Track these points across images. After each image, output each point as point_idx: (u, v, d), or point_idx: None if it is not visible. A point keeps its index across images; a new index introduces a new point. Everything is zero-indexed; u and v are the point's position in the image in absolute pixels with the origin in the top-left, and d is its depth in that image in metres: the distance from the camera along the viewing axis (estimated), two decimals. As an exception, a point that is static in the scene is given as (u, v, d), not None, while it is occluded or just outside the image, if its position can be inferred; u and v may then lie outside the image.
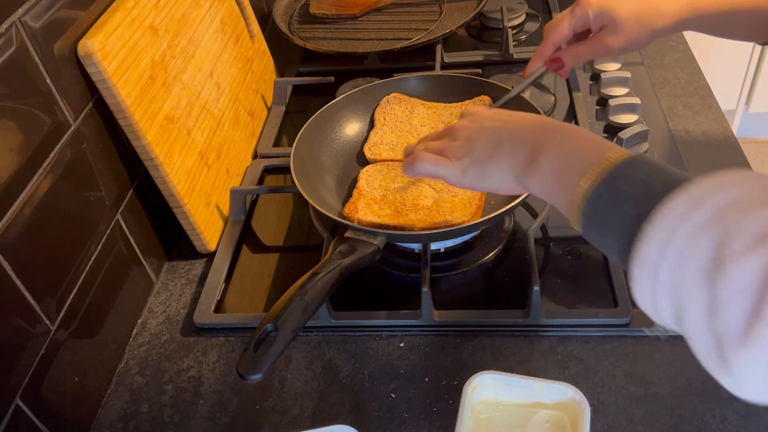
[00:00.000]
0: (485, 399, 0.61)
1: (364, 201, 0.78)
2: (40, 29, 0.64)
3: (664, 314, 0.41)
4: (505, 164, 0.54)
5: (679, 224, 0.39)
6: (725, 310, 0.36)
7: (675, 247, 0.39)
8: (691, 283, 0.38)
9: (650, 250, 0.40)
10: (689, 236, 0.38)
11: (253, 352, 0.57)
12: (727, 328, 0.36)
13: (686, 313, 0.39)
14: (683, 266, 0.38)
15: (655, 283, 0.40)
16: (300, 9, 1.24)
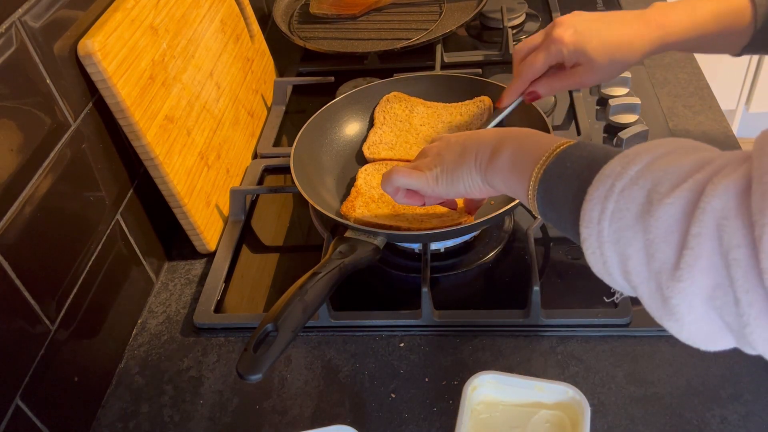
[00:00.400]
0: (485, 399, 0.61)
1: (361, 199, 0.78)
2: (40, 29, 0.64)
3: (614, 272, 0.44)
4: (472, 167, 0.59)
5: (615, 181, 0.43)
6: (658, 249, 0.39)
7: (612, 201, 0.43)
8: (628, 231, 0.41)
9: (592, 209, 0.44)
10: (623, 189, 0.42)
11: (253, 352, 0.57)
12: (661, 266, 0.40)
13: (629, 263, 0.42)
14: (620, 217, 0.42)
15: (600, 239, 0.43)
16: (300, 9, 1.24)
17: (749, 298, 0.36)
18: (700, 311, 0.39)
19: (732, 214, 0.36)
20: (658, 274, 0.40)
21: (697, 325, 0.40)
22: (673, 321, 0.41)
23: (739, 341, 0.40)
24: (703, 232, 0.37)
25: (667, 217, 0.39)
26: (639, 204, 0.41)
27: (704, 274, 0.38)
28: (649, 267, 0.41)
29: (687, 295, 0.39)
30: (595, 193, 0.44)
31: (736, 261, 0.36)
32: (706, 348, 0.42)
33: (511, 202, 0.72)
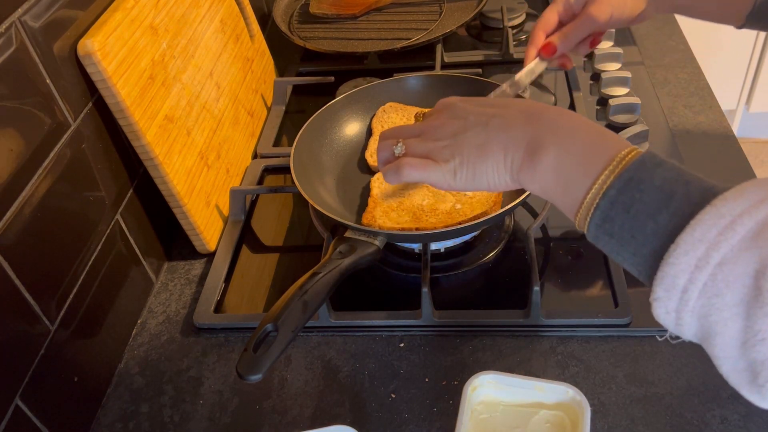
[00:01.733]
0: (485, 399, 0.61)
1: (380, 209, 0.77)
2: (39, 29, 0.64)
3: (685, 332, 0.40)
4: (500, 163, 0.50)
5: (711, 251, 0.37)
6: (763, 342, 0.35)
7: (707, 274, 0.37)
8: (726, 313, 0.36)
9: (679, 275, 0.38)
10: (722, 263, 0.36)
11: (253, 352, 0.57)
12: (764, 359, 0.35)
13: (717, 338, 0.38)
14: (717, 294, 0.37)
15: (682, 306, 0.38)
16: (300, 9, 1.24)
17: None
18: None
19: None
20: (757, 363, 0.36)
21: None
22: (758, 398, 0.38)
23: None
24: None
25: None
26: (745, 286, 0.36)
27: None
28: (744, 351, 0.36)
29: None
30: (682, 258, 0.38)
31: None
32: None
33: (512, 203, 0.72)
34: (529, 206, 0.85)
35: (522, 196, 0.71)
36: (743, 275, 0.36)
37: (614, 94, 0.98)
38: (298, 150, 0.82)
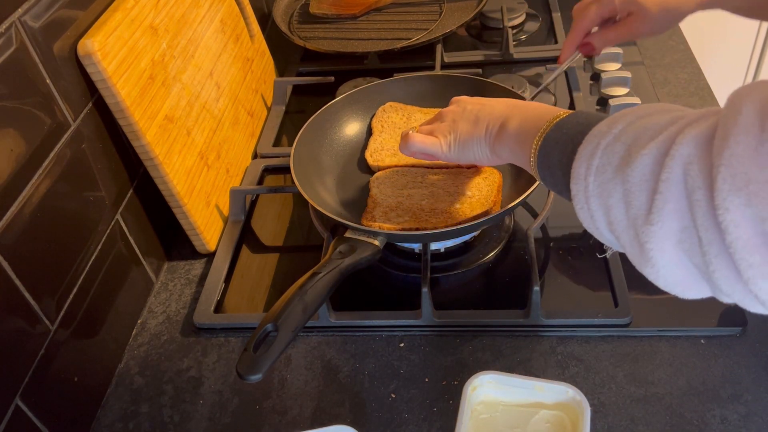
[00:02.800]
0: (485, 399, 0.61)
1: (380, 209, 0.77)
2: (39, 29, 0.64)
3: (600, 225, 0.47)
4: (482, 138, 0.63)
5: (601, 139, 0.46)
6: (634, 197, 0.42)
7: (597, 158, 0.46)
8: (610, 183, 0.44)
9: (580, 166, 0.47)
10: (607, 146, 0.46)
11: (253, 352, 0.57)
12: (637, 212, 0.42)
13: (611, 213, 0.45)
14: (603, 171, 0.45)
15: (586, 194, 0.47)
16: (300, 9, 1.24)
17: (709, 237, 0.38)
18: (671, 255, 0.41)
19: (696, 159, 0.39)
20: (634, 220, 0.43)
21: (671, 269, 0.42)
22: (649, 267, 0.43)
23: (710, 286, 0.41)
24: (671, 177, 0.40)
25: (642, 166, 0.42)
26: (619, 157, 0.44)
27: (672, 216, 0.40)
28: (627, 215, 0.43)
29: (659, 239, 0.41)
30: (583, 151, 0.47)
31: (698, 202, 0.38)
32: (684, 295, 0.44)
33: (512, 203, 0.72)
34: (529, 206, 0.85)
35: (522, 196, 0.71)
36: (620, 151, 0.44)
37: (614, 94, 0.98)
38: (298, 150, 0.82)
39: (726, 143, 0.37)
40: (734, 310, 0.70)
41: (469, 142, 0.64)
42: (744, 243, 0.37)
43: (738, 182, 0.36)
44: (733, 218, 0.36)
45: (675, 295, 0.45)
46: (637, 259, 0.45)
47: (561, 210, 0.83)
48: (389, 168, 0.85)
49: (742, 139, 0.36)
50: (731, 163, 0.36)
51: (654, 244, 0.42)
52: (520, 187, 0.79)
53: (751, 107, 0.37)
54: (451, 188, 0.79)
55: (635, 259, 0.45)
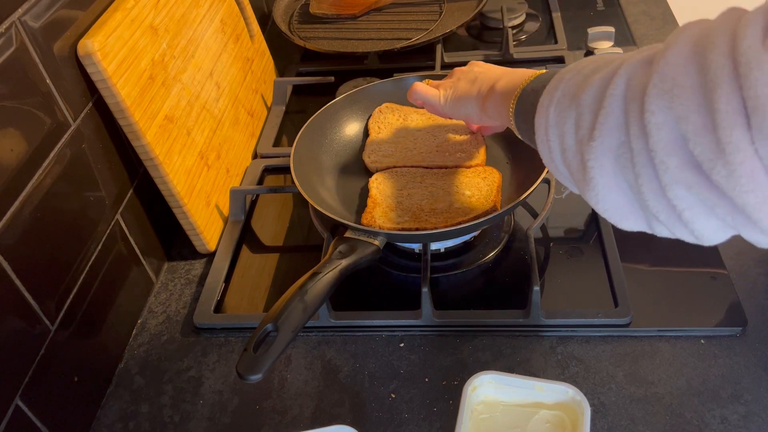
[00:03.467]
0: (485, 399, 0.61)
1: (380, 209, 0.77)
2: (40, 29, 0.64)
3: (556, 157, 0.49)
4: (474, 96, 0.68)
5: (565, 75, 0.50)
6: (583, 118, 0.45)
7: (560, 90, 0.49)
8: (566, 111, 0.47)
9: (544, 99, 0.50)
10: (569, 79, 0.49)
11: (253, 352, 0.57)
12: (584, 131, 0.45)
13: (565, 140, 0.47)
14: (562, 101, 0.48)
15: (547, 124, 0.49)
16: (300, 9, 1.24)
17: (638, 146, 0.40)
18: (609, 173, 0.43)
19: (637, 75, 0.42)
20: (581, 141, 0.45)
21: (609, 191, 0.44)
22: (590, 189, 0.45)
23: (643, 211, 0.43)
24: (616, 93, 0.42)
25: (593, 89, 0.45)
26: (576, 85, 0.47)
27: (612, 131, 0.42)
28: (576, 137, 0.46)
29: (599, 154, 0.43)
30: (549, 87, 0.50)
31: (632, 112, 0.41)
32: (621, 225, 0.46)
33: (512, 203, 0.72)
34: (529, 206, 0.85)
35: (522, 196, 0.71)
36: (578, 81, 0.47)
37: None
38: (298, 150, 0.82)
39: (663, 56, 0.39)
40: (734, 311, 0.70)
41: (464, 99, 0.70)
42: (663, 145, 0.38)
43: (665, 86, 0.38)
44: (657, 121, 0.39)
45: (613, 224, 0.46)
46: (580, 184, 0.47)
47: (561, 210, 0.83)
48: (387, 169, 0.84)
49: (676, 51, 0.39)
50: (663, 70, 0.39)
51: (595, 162, 0.44)
52: (520, 187, 0.79)
53: (689, 33, 0.39)
54: (451, 188, 0.79)
55: (579, 183, 0.47)
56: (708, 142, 0.36)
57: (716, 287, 0.73)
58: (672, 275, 0.75)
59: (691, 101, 0.37)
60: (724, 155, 0.36)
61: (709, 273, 0.74)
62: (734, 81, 0.35)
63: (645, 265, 0.76)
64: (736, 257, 0.76)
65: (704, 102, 0.37)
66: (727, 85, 0.35)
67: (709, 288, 0.73)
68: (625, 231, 0.47)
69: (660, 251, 0.77)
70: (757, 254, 0.77)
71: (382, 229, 0.72)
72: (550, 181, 0.80)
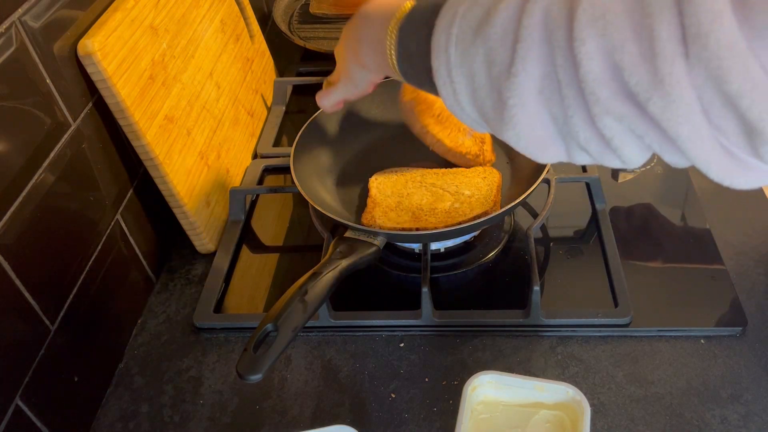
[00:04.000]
0: (485, 399, 0.61)
1: (379, 209, 0.77)
2: (39, 29, 0.64)
3: (463, 100, 0.45)
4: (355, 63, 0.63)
5: (458, 7, 0.44)
6: (496, 54, 0.41)
7: (456, 26, 0.43)
8: (471, 48, 0.42)
9: (439, 38, 0.44)
10: (464, 13, 0.43)
11: (253, 352, 0.57)
12: (500, 70, 0.40)
13: (475, 80, 0.43)
14: (464, 38, 0.43)
15: (449, 66, 0.44)
16: (300, 9, 1.24)
17: (567, 77, 0.37)
18: (532, 108, 0.40)
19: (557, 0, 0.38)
20: (497, 79, 0.41)
21: (530, 127, 0.41)
22: (510, 128, 0.42)
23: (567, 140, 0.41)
24: (533, 23, 0.38)
25: (502, 21, 0.40)
26: (479, 19, 0.42)
27: (535, 63, 0.39)
28: (490, 75, 0.41)
29: (521, 91, 0.40)
30: (440, 23, 0.45)
31: (557, 41, 0.37)
32: (540, 158, 0.43)
33: (512, 203, 0.72)
34: (529, 206, 0.85)
35: (522, 196, 0.71)
36: (478, 12, 0.42)
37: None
38: (298, 150, 0.82)
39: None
40: (734, 311, 0.70)
41: (350, 70, 0.65)
42: (595, 76, 0.36)
43: (596, 12, 0.36)
44: (588, 50, 0.36)
45: (532, 158, 0.44)
46: (495, 123, 0.43)
47: (561, 210, 0.83)
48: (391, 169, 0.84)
49: None
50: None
51: (516, 99, 0.40)
52: (520, 187, 0.79)
53: None
54: (451, 188, 0.79)
55: (493, 123, 0.44)
56: (645, 72, 0.35)
57: (716, 287, 0.73)
58: (672, 275, 0.75)
59: (626, 28, 0.35)
60: (662, 86, 0.34)
61: (709, 273, 0.75)
62: (674, 6, 0.33)
63: (645, 265, 0.76)
64: (736, 257, 0.76)
65: (641, 30, 0.34)
66: (669, 11, 0.33)
67: (709, 288, 0.73)
68: (625, 230, 0.46)
69: (660, 251, 0.77)
70: (757, 254, 0.77)
71: (382, 229, 0.72)
72: (550, 181, 0.80)
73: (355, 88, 0.66)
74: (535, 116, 0.41)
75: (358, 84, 0.66)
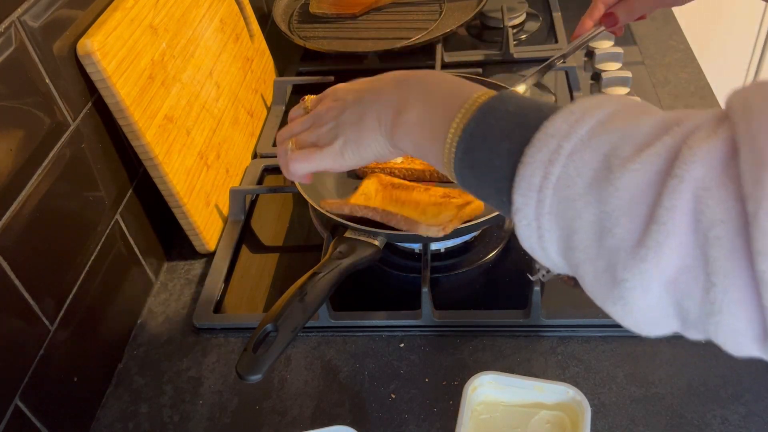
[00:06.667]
0: (486, 399, 0.61)
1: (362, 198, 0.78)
2: (39, 29, 0.64)
3: (550, 248, 0.39)
4: (376, 131, 0.51)
5: (562, 142, 0.37)
6: (617, 223, 0.34)
7: (559, 166, 0.36)
8: (579, 201, 0.36)
9: (532, 174, 0.37)
10: (573, 152, 0.36)
11: (253, 352, 0.57)
12: (620, 243, 0.34)
13: (575, 238, 0.36)
14: (569, 185, 0.36)
15: (539, 209, 0.38)
16: (300, 8, 1.24)
17: (726, 283, 0.31)
18: (655, 296, 0.34)
19: (714, 185, 0.31)
20: (613, 252, 0.35)
21: (646, 311, 0.35)
22: (620, 306, 0.36)
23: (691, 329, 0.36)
24: (679, 205, 0.32)
25: (631, 186, 0.34)
26: (593, 170, 0.35)
27: (673, 254, 0.32)
28: (600, 243, 0.35)
29: (645, 277, 0.34)
30: (536, 155, 0.37)
31: (718, 239, 0.31)
32: (645, 334, 0.38)
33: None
34: (529, 206, 0.85)
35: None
36: (593, 159, 0.35)
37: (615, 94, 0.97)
38: (298, 150, 0.82)
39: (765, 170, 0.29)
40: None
41: (363, 141, 0.52)
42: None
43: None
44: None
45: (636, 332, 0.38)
46: (602, 295, 0.37)
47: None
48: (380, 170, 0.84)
49: None
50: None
51: (636, 282, 0.34)
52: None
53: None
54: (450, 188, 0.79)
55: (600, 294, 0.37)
56: None
57: (717, 287, 0.73)
58: (672, 275, 0.75)
59: None
60: None
61: (710, 273, 0.74)
62: None
63: (645, 265, 0.76)
64: (737, 257, 0.76)
65: None
66: None
67: (709, 288, 0.73)
68: None
69: (660, 251, 0.77)
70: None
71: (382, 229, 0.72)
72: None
73: (355, 159, 0.54)
74: (656, 304, 0.35)
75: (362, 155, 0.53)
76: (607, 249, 0.35)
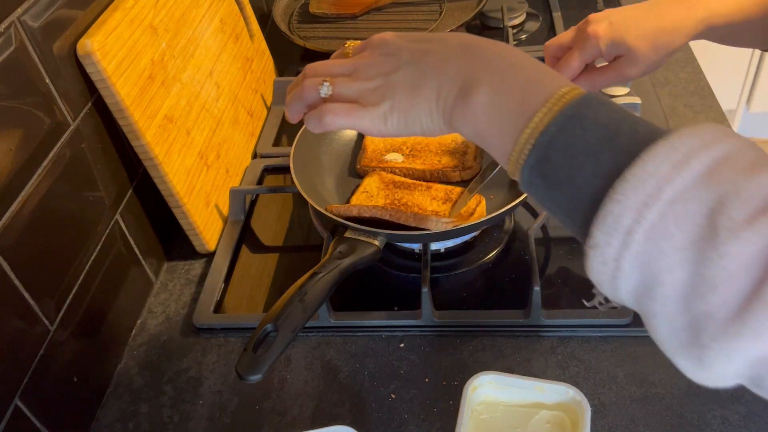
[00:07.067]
0: (486, 399, 0.61)
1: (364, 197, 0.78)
2: (39, 29, 0.64)
3: (622, 288, 0.36)
4: (432, 105, 0.45)
5: (664, 186, 0.33)
6: (713, 291, 0.31)
7: (656, 212, 0.33)
8: (673, 258, 0.33)
9: (624, 214, 0.34)
10: (674, 200, 0.33)
11: (253, 352, 0.57)
12: (711, 310, 0.32)
13: (659, 290, 0.34)
14: (666, 237, 0.33)
15: (624, 252, 0.34)
16: (300, 8, 1.24)
17: None
18: (737, 367, 0.32)
19: None
20: (701, 317, 0.32)
21: (721, 375, 0.33)
22: (695, 364, 0.34)
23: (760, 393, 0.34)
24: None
25: (739, 256, 0.30)
26: (697, 226, 0.32)
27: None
28: (688, 304, 0.32)
29: (735, 353, 0.31)
30: (630, 194, 0.34)
31: None
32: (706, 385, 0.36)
33: (512, 203, 0.71)
34: (529, 206, 0.85)
35: (522, 196, 0.71)
36: (696, 214, 0.32)
37: (615, 94, 0.97)
38: (298, 150, 0.82)
39: None
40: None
41: (414, 111, 0.46)
42: None
43: None
44: None
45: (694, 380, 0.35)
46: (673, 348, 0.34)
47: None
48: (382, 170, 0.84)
49: None
50: None
51: (723, 354, 0.32)
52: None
53: None
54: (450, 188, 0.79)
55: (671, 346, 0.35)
56: None
57: (717, 287, 0.73)
58: (672, 275, 0.75)
59: None
60: None
61: (710, 273, 0.74)
62: None
63: (645, 265, 0.76)
64: (737, 257, 0.76)
65: None
66: None
67: (709, 288, 0.73)
68: None
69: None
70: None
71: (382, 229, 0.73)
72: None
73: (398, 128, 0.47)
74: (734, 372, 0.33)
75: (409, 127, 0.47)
76: (695, 312, 0.32)
